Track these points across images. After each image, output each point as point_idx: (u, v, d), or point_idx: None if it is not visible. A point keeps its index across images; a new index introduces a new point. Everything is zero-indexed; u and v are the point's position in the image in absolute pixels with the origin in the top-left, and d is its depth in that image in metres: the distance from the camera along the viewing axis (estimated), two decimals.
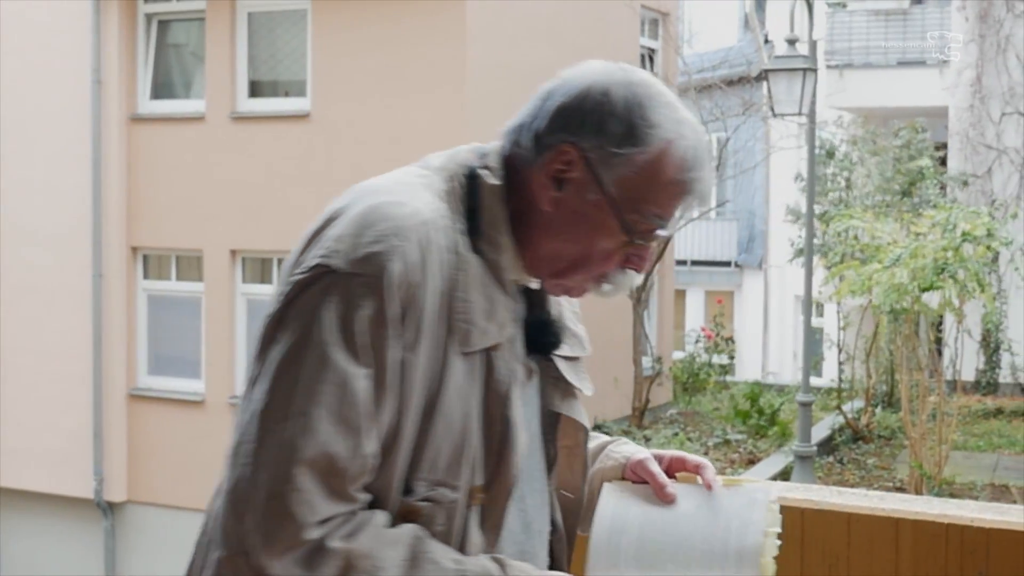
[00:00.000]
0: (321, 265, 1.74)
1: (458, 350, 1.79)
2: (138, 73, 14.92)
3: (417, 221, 1.77)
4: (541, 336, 1.99)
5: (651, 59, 18.32)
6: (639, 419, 15.47)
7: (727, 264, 27.85)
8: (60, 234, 14.83)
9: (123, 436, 14.73)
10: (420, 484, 1.79)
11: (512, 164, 1.92)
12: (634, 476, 2.13)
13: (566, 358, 2.06)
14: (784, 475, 13.34)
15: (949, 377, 15.55)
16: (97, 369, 14.56)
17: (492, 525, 1.87)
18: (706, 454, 14.52)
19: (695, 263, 27.24)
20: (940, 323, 16.09)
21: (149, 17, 15.05)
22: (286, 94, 14.54)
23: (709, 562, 1.94)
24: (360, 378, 1.71)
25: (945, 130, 20.02)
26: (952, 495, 12.32)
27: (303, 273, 1.75)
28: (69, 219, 14.75)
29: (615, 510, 2.04)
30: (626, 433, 14.76)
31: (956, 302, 12.80)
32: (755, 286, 27.13)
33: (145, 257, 15.05)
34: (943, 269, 12.37)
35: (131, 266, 14.85)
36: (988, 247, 12.91)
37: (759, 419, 15.86)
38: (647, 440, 14.37)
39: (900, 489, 12.96)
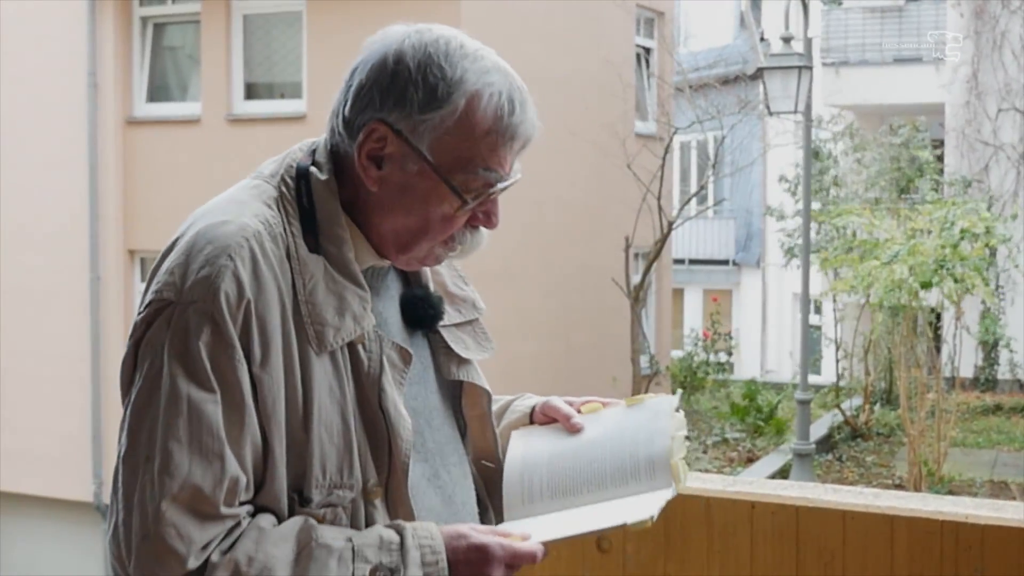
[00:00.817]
0: (156, 300, 1.75)
1: (316, 351, 1.79)
2: (134, 76, 14.90)
3: (245, 236, 1.77)
4: (418, 311, 2.00)
5: (647, 58, 18.30)
6: None
7: (725, 262, 27.86)
8: (57, 237, 14.81)
9: None
10: (316, 492, 1.79)
11: (334, 156, 1.91)
12: (543, 418, 2.15)
13: (457, 325, 2.06)
14: (783, 473, 13.35)
15: (948, 374, 15.56)
16: (95, 372, 14.54)
17: (404, 515, 1.85)
18: (705, 453, 14.54)
19: (693, 262, 27.24)
20: (938, 320, 16.10)
21: (144, 20, 15.03)
22: (282, 96, 14.53)
23: (622, 477, 1.95)
24: (211, 403, 1.70)
25: (941, 127, 20.02)
26: (951, 492, 12.34)
27: (143, 311, 1.77)
28: (66, 222, 14.74)
29: (524, 451, 2.05)
30: None
31: (955, 297, 12.83)
32: (753, 284, 27.13)
33: (142, 260, 15.03)
34: (941, 266, 12.38)
35: (128, 269, 14.84)
36: (986, 244, 12.93)
37: (757, 417, 15.86)
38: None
39: (899, 486, 12.97)
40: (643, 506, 1.87)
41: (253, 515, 1.75)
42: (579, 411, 2.13)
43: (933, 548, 3.15)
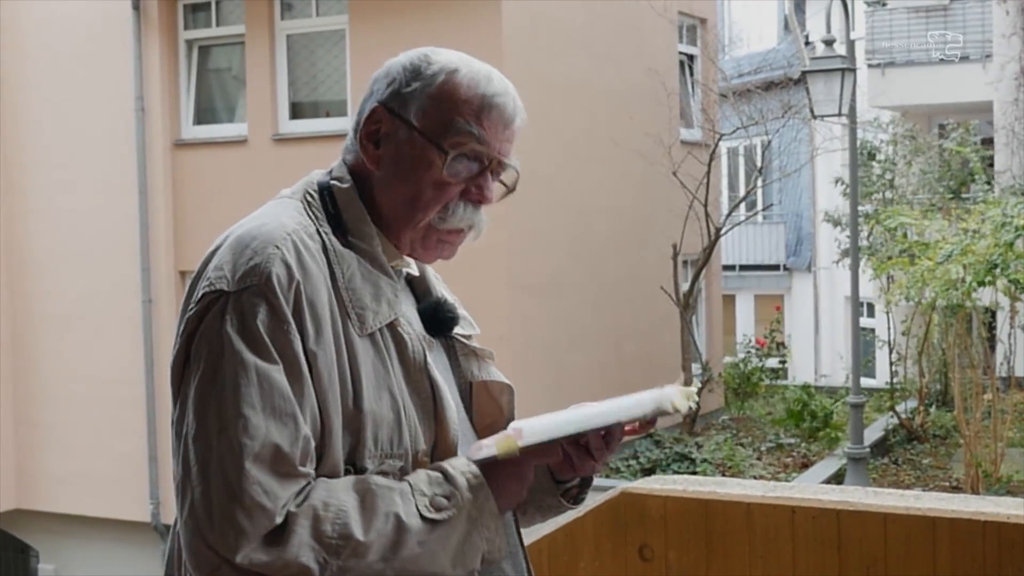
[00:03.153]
0: (209, 292, 1.88)
1: (359, 333, 1.93)
2: (181, 99, 15.04)
3: (286, 231, 1.92)
4: (439, 316, 2.14)
5: (690, 65, 18.27)
6: (690, 426, 15.41)
7: (776, 268, 27.72)
8: (109, 261, 14.95)
9: None
10: (369, 462, 1.91)
11: (350, 167, 2.09)
12: None
13: (463, 337, 2.20)
14: (838, 478, 13.25)
15: (1003, 374, 15.40)
16: (150, 393, 14.67)
17: None
18: (759, 459, 14.46)
19: (743, 267, 27.14)
20: (993, 320, 15.94)
21: (190, 43, 15.17)
22: (327, 114, 14.61)
23: (630, 411, 2.01)
24: (277, 372, 1.82)
25: (990, 125, 19.84)
26: (1010, 493, 12.21)
27: (194, 307, 1.89)
28: (117, 245, 14.88)
29: (528, 422, 2.05)
30: (677, 441, 14.72)
31: (1011, 294, 12.72)
32: (805, 289, 26.97)
33: None
34: (995, 265, 12.27)
35: (180, 290, 14.93)
36: None
37: (811, 422, 15.75)
38: (699, 447, 14.32)
39: (956, 488, 12.85)
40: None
41: None
42: None
43: (976, 549, 3.13)
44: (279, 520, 1.77)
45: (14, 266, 15.49)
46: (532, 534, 2.33)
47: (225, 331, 1.83)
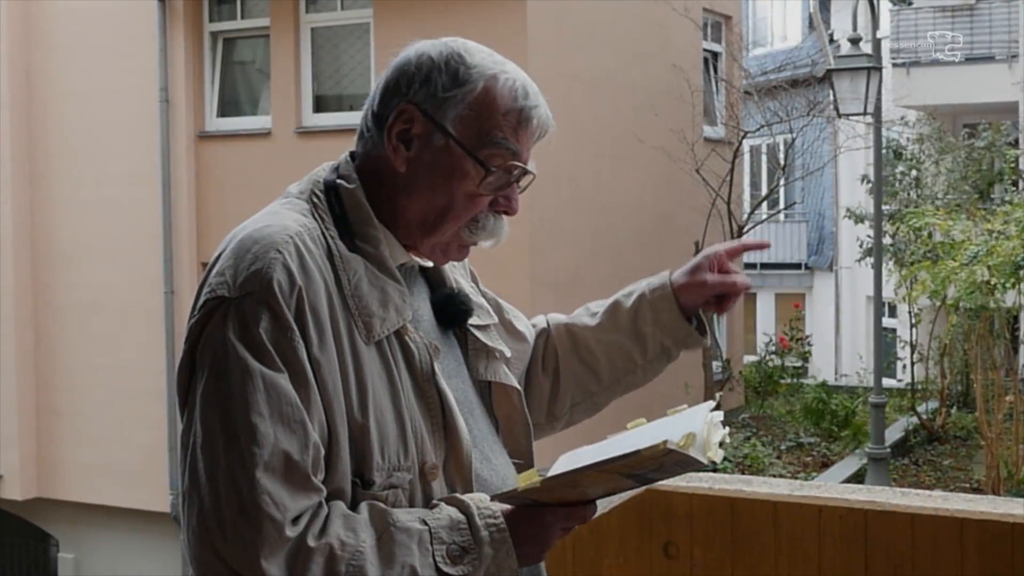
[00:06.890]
0: (210, 299, 1.82)
1: (366, 341, 1.88)
2: (205, 91, 15.06)
3: (288, 234, 1.86)
4: (450, 308, 2.10)
5: (714, 63, 18.23)
6: None
7: (797, 266, 27.64)
8: (131, 252, 14.99)
9: None
10: (378, 474, 1.86)
11: (363, 160, 2.04)
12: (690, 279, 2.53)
13: (478, 327, 2.16)
14: (858, 478, 13.22)
15: None
16: (170, 384, 14.67)
17: (464, 493, 1.93)
18: (778, 458, 14.43)
19: (764, 266, 27.06)
20: (1015, 321, 15.88)
21: (215, 35, 15.20)
22: (351, 108, 14.60)
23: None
24: (283, 380, 1.77)
25: (1015, 126, 19.75)
26: None
27: (197, 315, 1.83)
28: (140, 237, 14.91)
29: (572, 456, 2.01)
30: None
31: None
32: (826, 288, 26.90)
33: None
34: (1020, 266, 12.23)
35: None
36: None
37: (831, 422, 15.71)
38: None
39: (977, 490, 12.81)
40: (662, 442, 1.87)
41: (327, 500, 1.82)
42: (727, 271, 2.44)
43: (1004, 550, 3.12)
44: (288, 533, 1.72)
45: (38, 256, 15.54)
46: None
47: (228, 338, 1.78)
